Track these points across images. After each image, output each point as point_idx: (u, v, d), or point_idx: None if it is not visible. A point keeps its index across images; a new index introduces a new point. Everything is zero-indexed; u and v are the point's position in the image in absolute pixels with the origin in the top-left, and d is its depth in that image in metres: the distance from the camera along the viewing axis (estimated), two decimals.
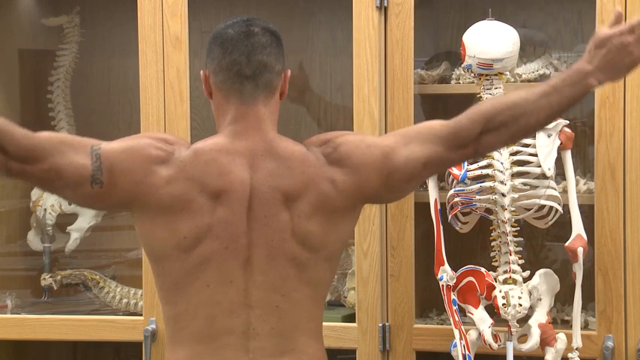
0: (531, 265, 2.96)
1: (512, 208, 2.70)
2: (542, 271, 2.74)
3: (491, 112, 2.13)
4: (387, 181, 2.16)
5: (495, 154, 2.70)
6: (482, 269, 2.74)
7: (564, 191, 2.79)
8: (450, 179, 2.79)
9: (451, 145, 2.14)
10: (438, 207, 2.77)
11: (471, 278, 2.73)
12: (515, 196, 2.69)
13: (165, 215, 2.12)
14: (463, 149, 2.14)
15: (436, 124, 2.18)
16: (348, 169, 2.16)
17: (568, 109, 2.12)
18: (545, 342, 2.69)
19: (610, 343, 2.82)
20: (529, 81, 3.08)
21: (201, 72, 2.22)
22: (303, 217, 2.13)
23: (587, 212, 2.87)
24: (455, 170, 2.72)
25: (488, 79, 2.78)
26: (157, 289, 2.21)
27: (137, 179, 2.11)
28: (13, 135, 2.05)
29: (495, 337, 2.72)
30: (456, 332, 2.71)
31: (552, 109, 2.10)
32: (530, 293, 2.71)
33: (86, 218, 3.49)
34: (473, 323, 2.74)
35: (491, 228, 2.74)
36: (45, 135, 2.10)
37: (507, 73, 2.83)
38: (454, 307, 2.72)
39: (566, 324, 3.02)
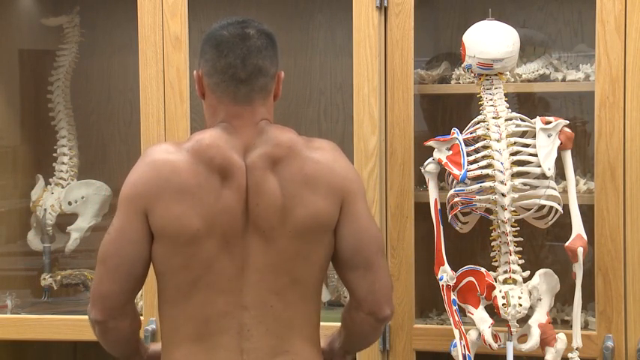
0: (531, 265, 2.96)
1: (512, 208, 2.70)
2: (542, 271, 2.73)
3: None
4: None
5: (495, 154, 2.70)
6: (482, 269, 2.74)
7: (564, 191, 2.78)
8: (450, 179, 2.79)
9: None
10: (438, 207, 2.77)
11: (471, 278, 2.73)
12: (515, 196, 2.69)
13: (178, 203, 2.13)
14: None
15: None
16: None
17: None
18: (545, 342, 2.69)
19: (610, 343, 2.83)
20: (529, 81, 3.08)
21: (195, 72, 2.22)
22: (286, 199, 2.13)
23: (587, 212, 2.87)
24: (455, 170, 2.72)
25: (488, 79, 2.78)
26: (158, 289, 2.22)
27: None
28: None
29: (495, 337, 2.71)
30: (456, 332, 2.71)
31: None
32: (530, 293, 2.71)
33: (86, 218, 3.49)
34: (473, 323, 2.74)
35: (491, 228, 2.74)
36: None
37: (507, 73, 2.83)
38: (454, 307, 2.72)
39: (566, 324, 3.02)
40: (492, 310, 2.73)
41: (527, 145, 2.72)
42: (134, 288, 2.19)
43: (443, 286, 2.73)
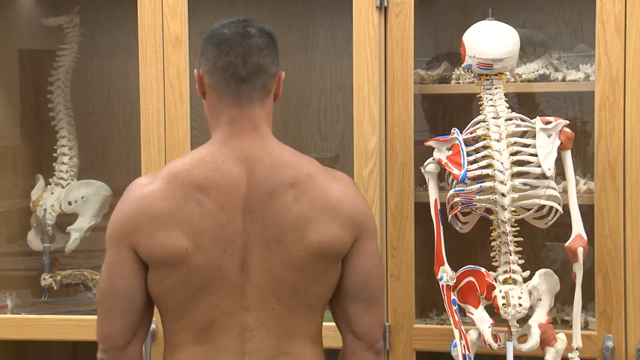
0: (531, 265, 2.96)
1: (512, 208, 2.70)
2: (542, 271, 2.73)
3: None
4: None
5: (495, 154, 2.70)
6: (482, 269, 2.74)
7: (564, 191, 2.79)
8: (450, 179, 2.79)
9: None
10: (438, 207, 2.77)
11: (471, 278, 2.73)
12: (515, 196, 2.69)
13: (162, 232, 2.12)
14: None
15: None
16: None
17: None
18: (545, 342, 2.69)
19: (610, 343, 2.83)
20: (529, 81, 3.08)
21: (195, 71, 2.22)
22: (301, 220, 2.12)
23: (587, 212, 2.87)
24: (455, 170, 2.72)
25: (488, 79, 2.78)
26: (152, 293, 2.20)
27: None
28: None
29: (495, 337, 2.72)
30: (456, 332, 2.71)
31: None
32: (530, 293, 2.71)
33: (86, 218, 3.49)
34: (473, 323, 2.74)
35: (491, 228, 2.74)
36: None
37: (507, 73, 2.83)
38: (454, 307, 2.72)
39: (566, 324, 3.02)
40: (492, 310, 2.73)
41: (527, 145, 2.72)
42: (136, 323, 2.18)
43: (443, 286, 2.73)
